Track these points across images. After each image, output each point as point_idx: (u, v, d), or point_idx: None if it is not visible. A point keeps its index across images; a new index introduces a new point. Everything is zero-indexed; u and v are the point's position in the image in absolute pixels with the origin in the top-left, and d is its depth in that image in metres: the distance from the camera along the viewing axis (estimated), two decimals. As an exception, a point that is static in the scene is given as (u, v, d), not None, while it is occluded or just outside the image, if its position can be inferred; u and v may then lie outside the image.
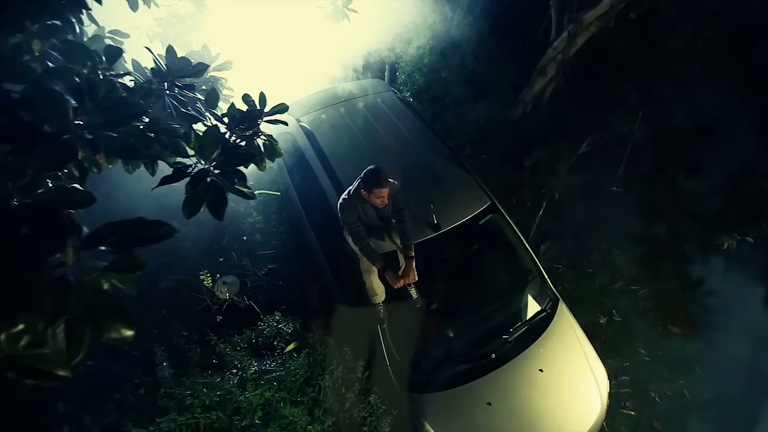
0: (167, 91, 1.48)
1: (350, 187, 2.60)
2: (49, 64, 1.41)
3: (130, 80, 1.95)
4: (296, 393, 2.04)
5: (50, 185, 0.92)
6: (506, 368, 2.81)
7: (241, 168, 1.47)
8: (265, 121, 1.79)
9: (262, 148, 1.76)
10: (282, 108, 1.81)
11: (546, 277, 3.27)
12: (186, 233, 4.14)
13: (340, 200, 2.57)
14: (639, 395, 3.71)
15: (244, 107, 1.83)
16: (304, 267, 4.14)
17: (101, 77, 1.15)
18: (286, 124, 1.79)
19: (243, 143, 1.67)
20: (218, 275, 3.42)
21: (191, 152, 1.46)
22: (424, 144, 3.64)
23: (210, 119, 1.62)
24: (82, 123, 0.95)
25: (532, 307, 3.12)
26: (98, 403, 3.39)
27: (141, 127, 1.18)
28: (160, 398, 2.18)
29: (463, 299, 3.07)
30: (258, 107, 1.77)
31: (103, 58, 1.42)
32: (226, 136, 1.49)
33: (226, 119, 1.54)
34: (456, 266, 3.16)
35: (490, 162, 5.63)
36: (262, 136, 1.78)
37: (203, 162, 1.34)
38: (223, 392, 1.97)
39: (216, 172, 1.36)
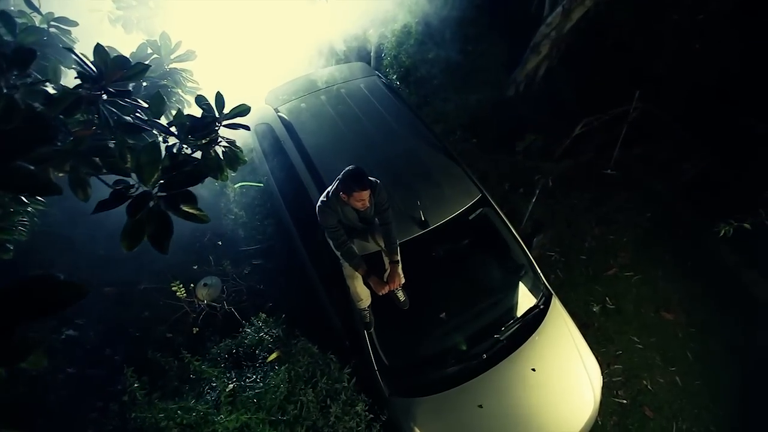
0: (103, 97, 1.27)
1: (329, 188, 2.41)
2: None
3: (76, 77, 1.72)
4: (276, 411, 1.94)
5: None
6: (497, 369, 2.73)
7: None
8: (224, 126, 1.59)
9: (222, 157, 1.57)
10: (243, 110, 1.60)
11: (539, 271, 3.16)
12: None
13: (318, 203, 2.39)
14: (631, 383, 3.69)
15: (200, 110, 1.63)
16: (289, 264, 4.00)
17: (4, 90, 0.95)
18: (247, 128, 1.59)
19: (197, 154, 1.48)
20: (192, 285, 3.24)
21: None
22: (411, 133, 3.44)
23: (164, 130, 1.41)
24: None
25: (525, 304, 3.02)
26: (80, 413, 3.30)
27: (61, 148, 0.99)
28: (133, 420, 2.06)
29: (452, 299, 2.95)
30: (215, 110, 1.57)
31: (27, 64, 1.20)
32: (175, 149, 1.29)
33: (174, 128, 1.34)
34: (445, 265, 3.03)
35: (482, 146, 5.45)
36: (222, 143, 1.58)
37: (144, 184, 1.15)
38: (198, 413, 1.85)
39: (161, 194, 1.18)
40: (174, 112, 1.83)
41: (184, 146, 1.38)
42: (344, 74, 4.00)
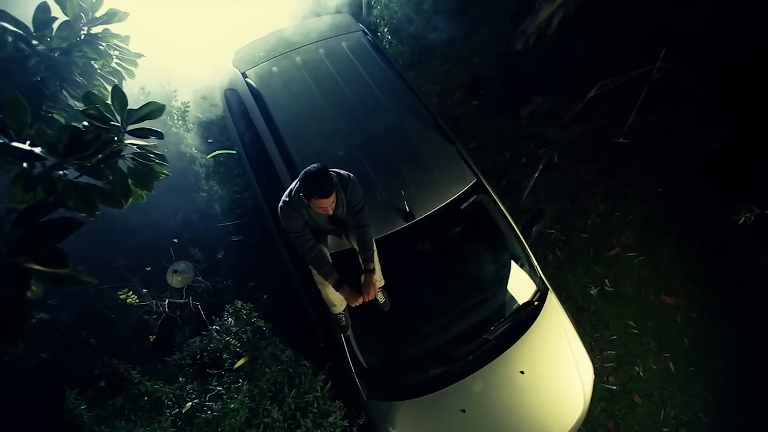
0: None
1: (291, 186, 2.05)
2: None
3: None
4: (235, 439, 1.79)
5: None
6: (483, 371, 2.56)
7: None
8: (129, 133, 1.22)
9: (128, 173, 1.21)
10: (153, 110, 1.22)
11: (535, 264, 2.89)
12: (129, 215, 3.63)
13: (280, 203, 2.04)
14: (623, 369, 3.59)
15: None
16: (270, 241, 3.74)
17: None
18: (161, 136, 1.22)
19: (91, 177, 1.12)
20: (144, 290, 2.95)
21: None
22: (399, 106, 2.98)
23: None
24: None
25: (518, 300, 2.78)
26: (56, 400, 3.21)
27: None
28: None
29: (439, 295, 2.71)
30: (115, 114, 1.18)
31: None
32: (39, 185, 0.94)
33: (40, 149, 0.97)
34: (432, 259, 2.74)
35: (483, 109, 4.94)
36: (128, 157, 1.22)
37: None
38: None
39: (13, 259, 0.85)
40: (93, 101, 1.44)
41: (62, 172, 1.02)
42: (325, 30, 3.43)
